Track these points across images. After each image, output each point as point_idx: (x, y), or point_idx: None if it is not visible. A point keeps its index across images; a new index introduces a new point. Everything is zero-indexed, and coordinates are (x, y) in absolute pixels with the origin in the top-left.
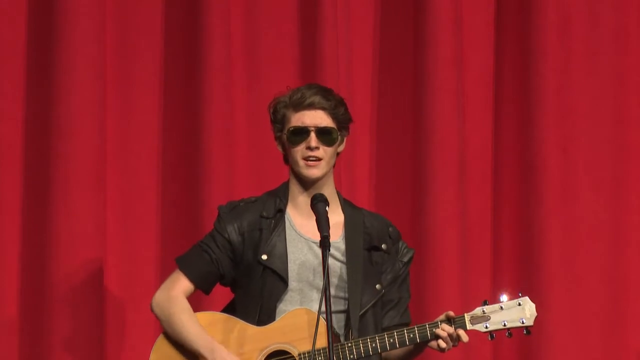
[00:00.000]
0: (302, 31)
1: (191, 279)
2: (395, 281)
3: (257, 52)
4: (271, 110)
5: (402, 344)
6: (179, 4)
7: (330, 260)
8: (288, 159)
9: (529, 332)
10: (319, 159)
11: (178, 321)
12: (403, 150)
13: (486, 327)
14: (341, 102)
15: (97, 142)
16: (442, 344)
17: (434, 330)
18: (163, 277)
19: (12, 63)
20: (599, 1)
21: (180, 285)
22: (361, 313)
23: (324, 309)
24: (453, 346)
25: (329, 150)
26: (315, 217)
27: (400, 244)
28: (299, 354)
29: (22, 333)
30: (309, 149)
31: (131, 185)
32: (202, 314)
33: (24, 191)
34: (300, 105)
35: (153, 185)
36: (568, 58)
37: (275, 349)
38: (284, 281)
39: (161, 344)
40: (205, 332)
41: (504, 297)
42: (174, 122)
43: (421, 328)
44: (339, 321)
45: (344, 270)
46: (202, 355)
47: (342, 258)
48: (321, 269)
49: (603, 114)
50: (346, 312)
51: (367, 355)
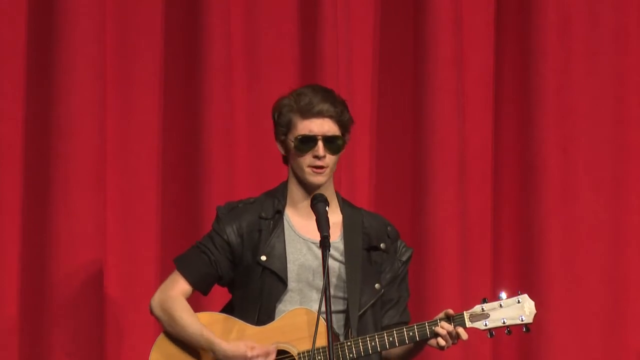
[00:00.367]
0: (302, 31)
1: (189, 280)
2: (394, 280)
3: (257, 52)
4: (276, 113)
5: (402, 342)
6: (179, 4)
7: (330, 261)
8: (291, 162)
9: (528, 329)
10: (325, 167)
11: (179, 319)
12: (403, 150)
13: (485, 325)
14: (345, 106)
15: (97, 142)
16: (442, 341)
17: (433, 328)
18: (163, 277)
19: (12, 63)
20: (599, 1)
21: (179, 287)
22: (360, 313)
23: (323, 309)
24: (453, 344)
25: (335, 157)
26: (314, 218)
27: (399, 243)
28: (299, 354)
29: (22, 333)
30: (316, 157)
31: (131, 185)
32: (202, 314)
33: (24, 191)
34: (309, 113)
35: (153, 185)
36: (568, 58)
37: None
38: (283, 282)
39: (162, 342)
40: (206, 329)
41: (503, 295)
42: (174, 122)
43: (420, 326)
44: (338, 321)
45: (342, 270)
46: (204, 351)
47: (341, 258)
48: (320, 269)
49: (603, 114)
50: (345, 311)
51: (367, 354)
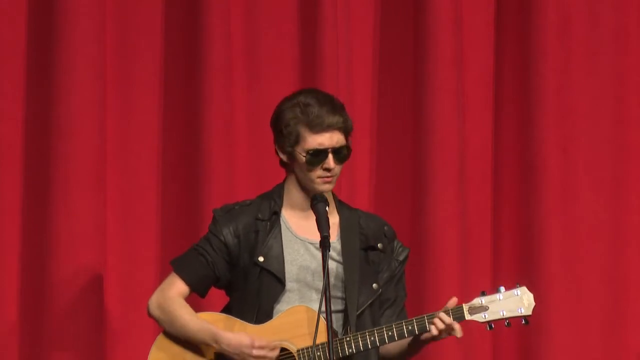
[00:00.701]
0: (302, 31)
1: (187, 282)
2: (391, 280)
3: (257, 52)
4: (282, 123)
5: (401, 336)
6: (179, 4)
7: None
8: (297, 171)
9: (527, 321)
10: (334, 175)
11: (180, 317)
12: (403, 150)
13: (484, 317)
14: (345, 111)
15: (97, 142)
16: (434, 330)
17: (432, 321)
18: (163, 277)
19: (12, 63)
20: (599, 1)
21: (177, 288)
22: (358, 312)
23: (323, 309)
24: (447, 335)
25: (342, 165)
26: (312, 218)
27: (396, 242)
28: (298, 351)
29: (22, 333)
30: (326, 169)
31: (131, 185)
32: (202, 314)
33: (24, 191)
34: (319, 127)
35: (153, 185)
36: (568, 58)
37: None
38: (281, 282)
39: (162, 341)
40: (207, 323)
41: (502, 288)
42: (174, 122)
43: (419, 320)
44: (337, 321)
45: (340, 270)
46: (207, 347)
47: (339, 258)
48: (319, 269)
49: (603, 114)
50: (344, 311)
51: (366, 349)
